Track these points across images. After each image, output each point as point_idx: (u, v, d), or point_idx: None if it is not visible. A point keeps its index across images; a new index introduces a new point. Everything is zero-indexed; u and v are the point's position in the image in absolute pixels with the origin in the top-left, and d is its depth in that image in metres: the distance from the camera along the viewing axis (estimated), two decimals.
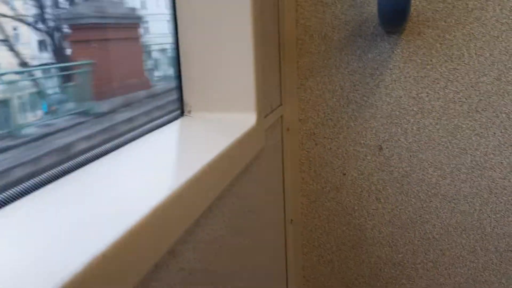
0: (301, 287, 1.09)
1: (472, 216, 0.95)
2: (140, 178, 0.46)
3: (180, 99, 0.72)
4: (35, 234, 0.34)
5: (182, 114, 0.72)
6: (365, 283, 1.05)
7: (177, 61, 0.71)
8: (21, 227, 0.35)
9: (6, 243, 0.33)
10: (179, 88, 0.71)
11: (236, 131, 0.63)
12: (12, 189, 0.40)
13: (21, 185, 0.40)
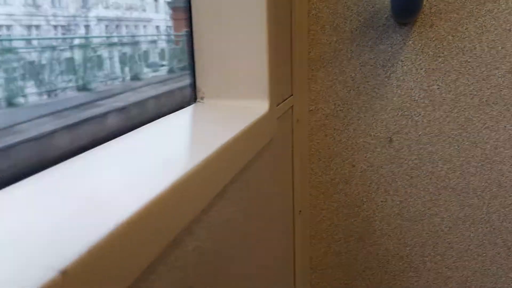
0: (308, 277, 1.09)
1: (481, 209, 0.95)
2: (155, 158, 0.47)
3: (193, 85, 0.72)
4: (60, 203, 0.34)
5: (194, 100, 0.72)
6: (373, 275, 1.05)
7: (190, 48, 0.71)
8: (44, 197, 0.36)
9: (33, 210, 0.33)
10: (192, 74, 0.72)
11: (248, 118, 0.63)
12: (31, 164, 0.41)
13: (41, 160, 0.41)
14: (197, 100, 0.72)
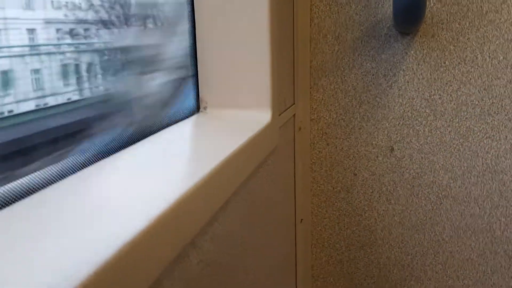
0: (310, 286, 1.09)
1: (482, 219, 0.95)
2: (158, 173, 0.47)
3: (196, 95, 0.72)
4: (65, 221, 0.34)
5: (198, 110, 0.73)
6: (374, 284, 1.05)
7: (194, 58, 0.71)
8: (47, 216, 0.36)
9: (38, 228, 0.33)
10: (195, 84, 0.72)
11: (251, 128, 0.63)
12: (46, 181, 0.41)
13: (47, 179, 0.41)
14: (200, 110, 0.73)
